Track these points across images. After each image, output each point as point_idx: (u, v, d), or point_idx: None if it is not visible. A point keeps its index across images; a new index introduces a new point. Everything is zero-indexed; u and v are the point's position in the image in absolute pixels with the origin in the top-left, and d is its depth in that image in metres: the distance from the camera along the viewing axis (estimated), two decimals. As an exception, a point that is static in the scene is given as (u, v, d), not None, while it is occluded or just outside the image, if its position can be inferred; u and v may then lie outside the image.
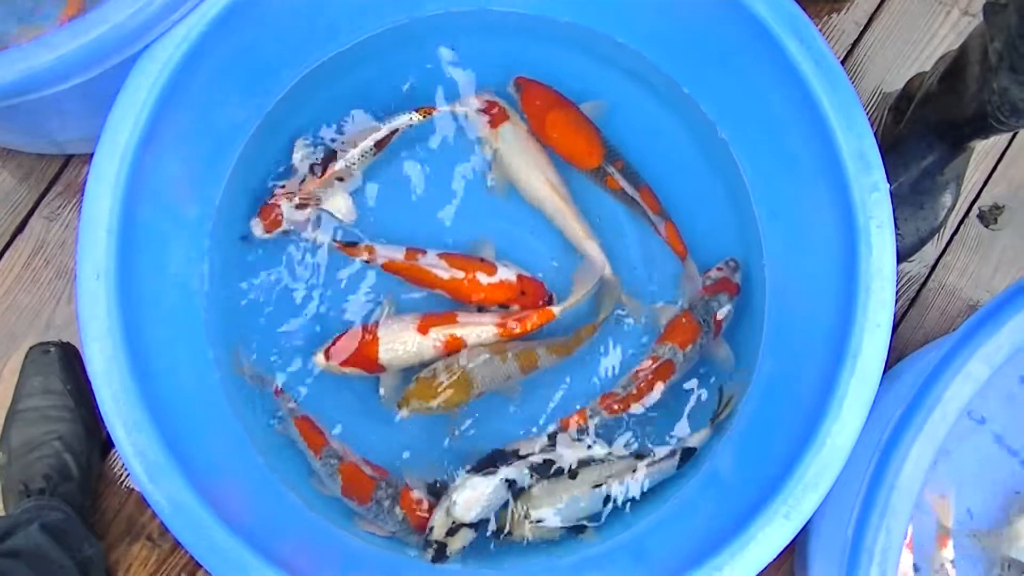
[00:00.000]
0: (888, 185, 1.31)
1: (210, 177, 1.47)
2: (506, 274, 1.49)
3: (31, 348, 1.62)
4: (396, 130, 1.52)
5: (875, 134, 1.32)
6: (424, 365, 1.46)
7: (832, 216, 1.35)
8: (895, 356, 1.63)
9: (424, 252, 1.49)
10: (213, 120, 1.43)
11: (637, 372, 1.46)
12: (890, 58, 1.82)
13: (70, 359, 1.61)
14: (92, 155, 1.25)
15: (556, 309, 1.47)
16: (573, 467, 1.43)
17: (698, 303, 1.49)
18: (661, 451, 1.45)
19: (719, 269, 1.51)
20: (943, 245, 1.78)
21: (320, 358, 1.46)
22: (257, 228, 1.48)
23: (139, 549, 1.62)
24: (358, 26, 1.54)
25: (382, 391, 1.49)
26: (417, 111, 1.52)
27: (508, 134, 1.54)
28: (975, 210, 1.79)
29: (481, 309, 1.50)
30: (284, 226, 1.49)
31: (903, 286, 1.76)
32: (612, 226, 1.57)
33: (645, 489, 1.45)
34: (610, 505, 1.44)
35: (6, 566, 1.35)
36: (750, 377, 1.48)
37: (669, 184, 1.56)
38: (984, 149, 1.79)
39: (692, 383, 1.51)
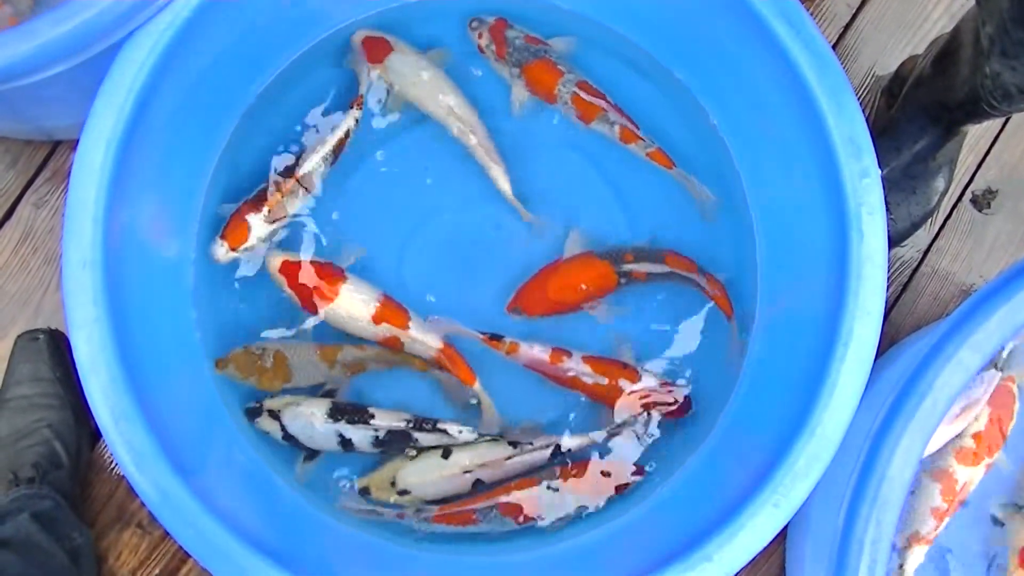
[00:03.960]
0: (879, 171, 1.30)
1: (197, 165, 1.47)
2: (649, 381, 1.48)
3: (20, 336, 1.61)
4: (348, 131, 1.51)
5: (867, 118, 1.32)
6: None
7: (823, 202, 1.34)
8: (887, 341, 1.62)
9: (569, 354, 1.48)
10: (200, 106, 1.42)
11: None
12: (883, 41, 1.82)
13: (59, 346, 1.60)
14: (78, 142, 1.24)
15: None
16: (468, 440, 1.45)
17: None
18: (537, 442, 1.45)
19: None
20: (936, 230, 1.78)
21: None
22: (220, 250, 1.45)
23: (129, 536, 1.62)
24: (351, 5, 1.53)
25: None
26: (352, 106, 1.51)
27: (397, 62, 1.52)
28: (968, 194, 1.79)
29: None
30: (250, 242, 1.46)
31: (895, 271, 1.75)
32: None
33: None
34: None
35: (-4, 555, 1.36)
36: (741, 363, 1.48)
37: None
38: (977, 133, 1.78)
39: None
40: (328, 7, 1.51)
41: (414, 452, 1.45)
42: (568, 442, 1.45)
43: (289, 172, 1.48)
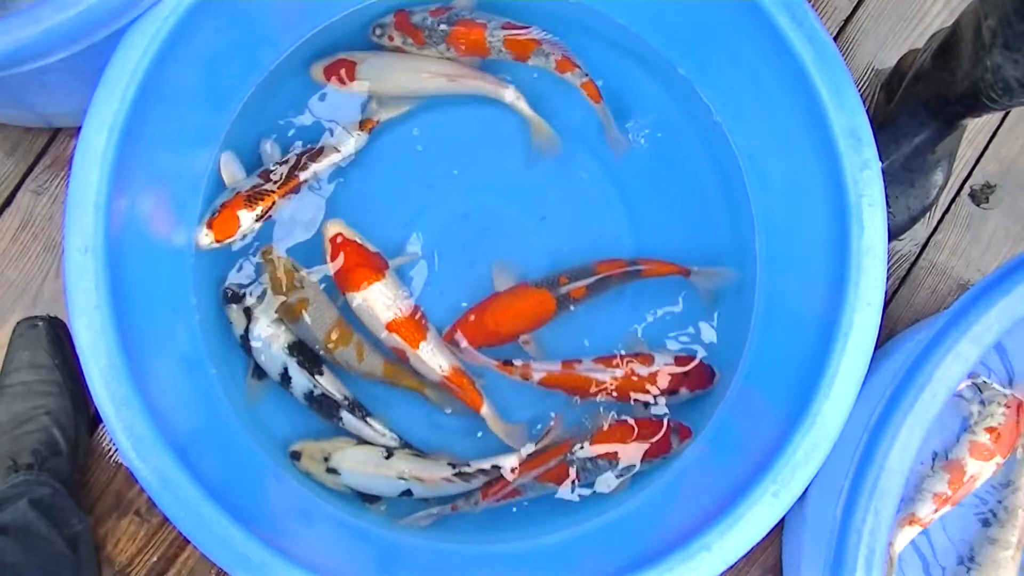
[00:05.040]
0: (880, 163, 1.30)
1: (198, 150, 1.47)
2: (664, 359, 1.48)
3: (19, 322, 1.61)
4: (354, 151, 1.52)
5: (867, 111, 1.31)
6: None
7: (823, 194, 1.34)
8: (885, 334, 1.63)
9: (580, 361, 1.48)
10: (201, 94, 1.42)
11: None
12: (883, 35, 1.82)
13: (58, 333, 1.61)
14: (79, 129, 1.24)
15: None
16: (391, 447, 1.45)
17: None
18: (474, 464, 1.44)
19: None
20: (934, 223, 1.78)
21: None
22: (205, 239, 1.43)
23: (127, 524, 1.62)
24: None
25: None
26: (362, 128, 1.52)
27: (367, 69, 1.52)
28: (966, 189, 1.79)
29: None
30: (235, 237, 1.45)
31: (894, 264, 1.76)
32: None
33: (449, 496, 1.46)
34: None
35: (-5, 541, 1.36)
36: (740, 355, 1.48)
37: (660, 161, 1.56)
38: (976, 127, 1.79)
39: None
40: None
41: (357, 440, 1.46)
42: (506, 461, 1.44)
43: (290, 173, 1.47)
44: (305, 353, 1.46)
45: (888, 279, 1.62)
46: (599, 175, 1.57)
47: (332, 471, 1.43)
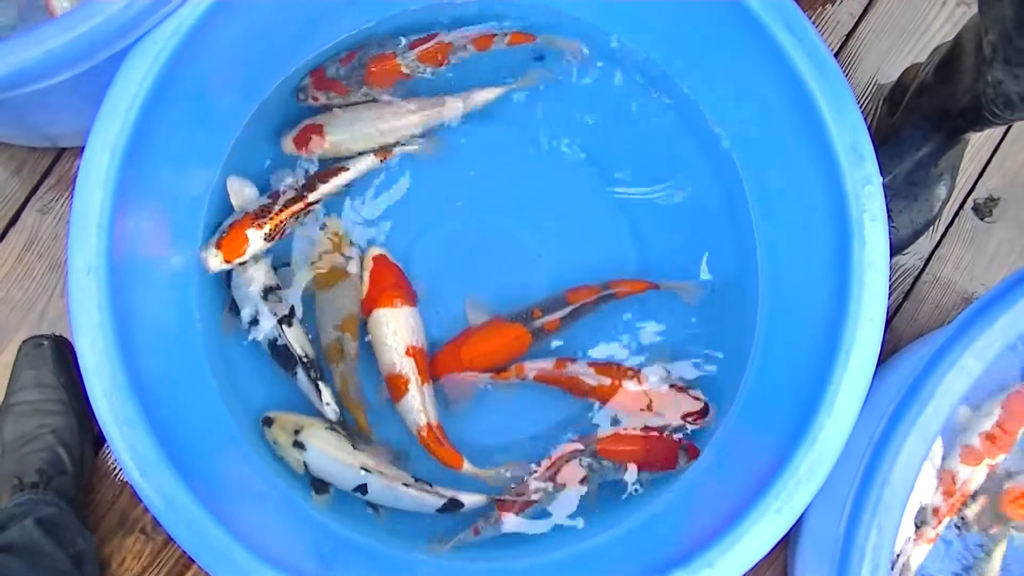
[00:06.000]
0: (881, 178, 1.31)
1: (201, 171, 1.47)
2: (656, 384, 1.49)
3: (24, 342, 1.61)
4: (366, 172, 1.53)
5: (869, 125, 1.32)
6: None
7: (825, 209, 1.35)
8: (889, 349, 1.62)
9: (574, 360, 1.49)
10: (204, 114, 1.42)
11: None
12: (885, 49, 1.82)
13: (63, 352, 1.61)
14: (83, 149, 1.25)
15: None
16: (329, 420, 1.46)
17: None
18: (436, 487, 1.44)
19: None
20: (938, 237, 1.78)
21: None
22: (214, 260, 1.43)
23: (132, 542, 1.62)
24: (366, 10, 1.54)
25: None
26: (378, 157, 1.53)
27: (335, 129, 1.52)
28: (970, 202, 1.79)
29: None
30: (244, 256, 1.44)
31: (897, 278, 1.76)
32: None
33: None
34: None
35: (0, 561, 1.36)
36: (743, 370, 1.48)
37: (661, 179, 1.56)
38: (979, 141, 1.78)
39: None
40: (332, 15, 1.51)
41: (333, 422, 1.46)
42: (468, 499, 1.44)
43: (299, 194, 1.47)
44: (279, 304, 1.46)
45: (892, 293, 1.62)
46: (596, 184, 1.58)
47: (298, 445, 1.42)
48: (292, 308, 1.47)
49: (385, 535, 1.45)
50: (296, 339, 1.45)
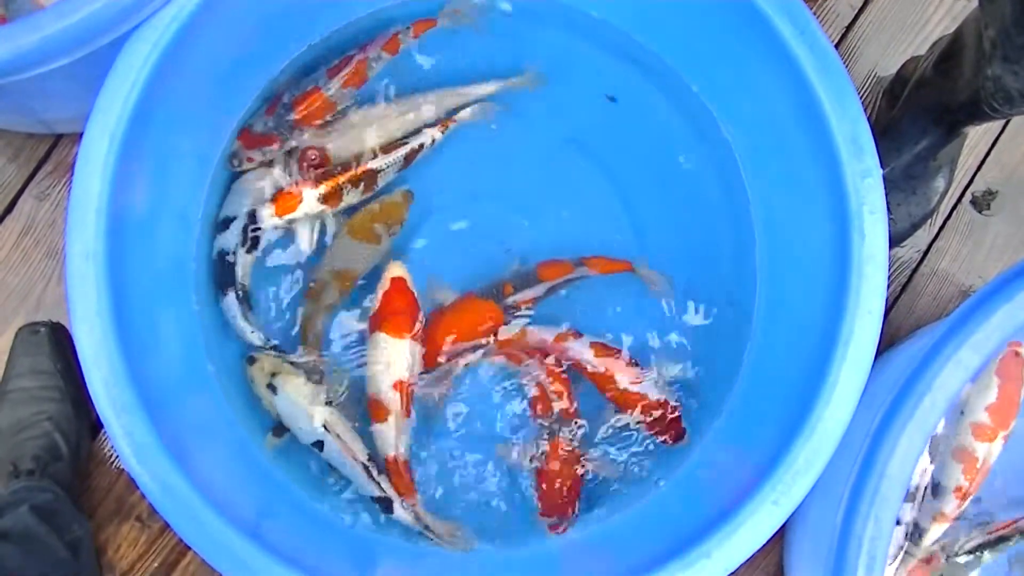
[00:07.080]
0: (881, 171, 1.31)
1: (201, 159, 1.47)
2: (649, 387, 1.48)
3: (20, 328, 1.61)
4: (429, 144, 1.52)
5: (869, 118, 1.31)
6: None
7: (825, 201, 1.35)
8: (887, 341, 1.62)
9: (578, 335, 1.49)
10: (204, 100, 1.42)
11: None
12: (885, 42, 1.82)
13: (60, 339, 1.61)
14: (81, 135, 1.24)
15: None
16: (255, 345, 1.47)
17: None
18: (380, 478, 1.43)
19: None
20: (935, 230, 1.78)
21: None
22: (269, 215, 1.45)
23: (128, 529, 1.62)
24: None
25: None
26: (439, 125, 1.52)
27: (337, 149, 1.51)
28: (968, 195, 1.79)
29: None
30: (296, 214, 1.46)
31: (895, 271, 1.76)
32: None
33: None
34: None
35: (-4, 547, 1.36)
36: (741, 362, 1.48)
37: (661, 171, 1.56)
38: (977, 135, 1.79)
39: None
40: None
41: (318, 377, 1.46)
42: (399, 511, 1.43)
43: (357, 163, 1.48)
44: (256, 243, 1.47)
45: (889, 286, 1.62)
46: (597, 176, 1.58)
47: (271, 387, 1.43)
48: (257, 242, 1.47)
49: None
50: (242, 267, 1.46)
